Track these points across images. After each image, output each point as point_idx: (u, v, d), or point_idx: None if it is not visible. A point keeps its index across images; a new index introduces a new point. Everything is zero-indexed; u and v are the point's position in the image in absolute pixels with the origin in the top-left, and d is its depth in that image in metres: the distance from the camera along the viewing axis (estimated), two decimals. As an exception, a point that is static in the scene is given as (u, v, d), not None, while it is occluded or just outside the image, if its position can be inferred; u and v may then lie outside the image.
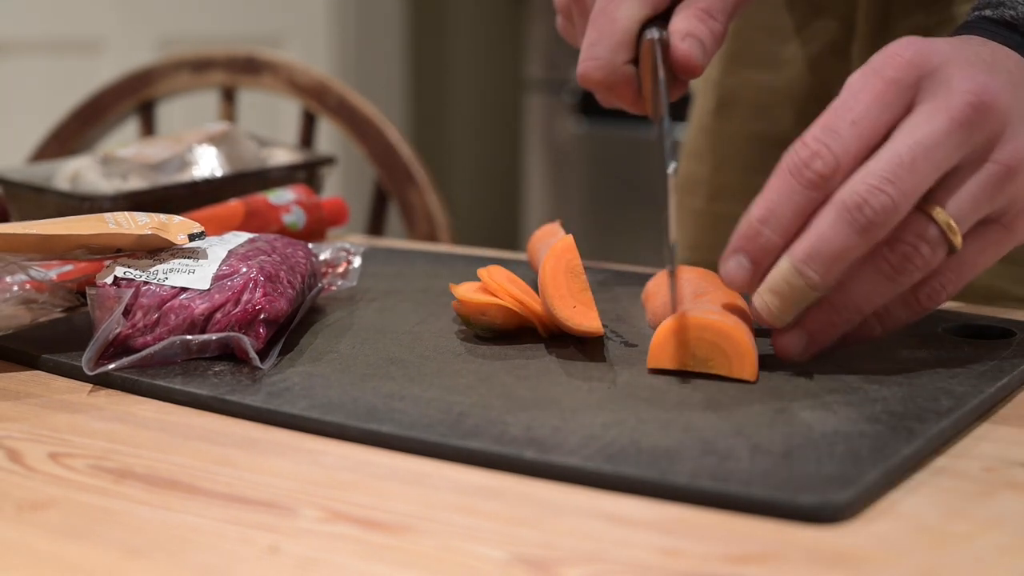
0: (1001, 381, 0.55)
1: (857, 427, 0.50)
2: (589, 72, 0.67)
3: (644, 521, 0.44)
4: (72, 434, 0.53)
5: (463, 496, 0.46)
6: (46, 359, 0.61)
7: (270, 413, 0.54)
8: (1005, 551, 0.41)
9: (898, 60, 0.55)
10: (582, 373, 0.58)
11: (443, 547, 0.42)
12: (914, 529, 0.43)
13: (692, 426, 0.50)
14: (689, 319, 0.56)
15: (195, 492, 0.47)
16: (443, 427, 0.51)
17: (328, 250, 0.75)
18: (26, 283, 0.64)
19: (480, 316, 0.63)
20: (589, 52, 0.67)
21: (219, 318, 0.60)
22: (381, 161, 1.27)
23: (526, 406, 0.53)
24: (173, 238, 0.62)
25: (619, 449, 0.48)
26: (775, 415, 0.51)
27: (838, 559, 0.41)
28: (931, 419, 0.50)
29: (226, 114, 1.36)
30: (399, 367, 0.59)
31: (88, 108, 1.36)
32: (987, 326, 0.64)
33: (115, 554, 0.42)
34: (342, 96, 1.29)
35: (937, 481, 0.47)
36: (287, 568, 0.41)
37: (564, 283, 0.60)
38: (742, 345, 0.55)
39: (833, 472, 0.45)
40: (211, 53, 1.35)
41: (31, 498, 0.47)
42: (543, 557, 0.41)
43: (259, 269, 0.62)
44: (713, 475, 0.45)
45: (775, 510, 0.43)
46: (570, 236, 0.63)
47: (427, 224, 1.25)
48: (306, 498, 0.46)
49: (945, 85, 0.54)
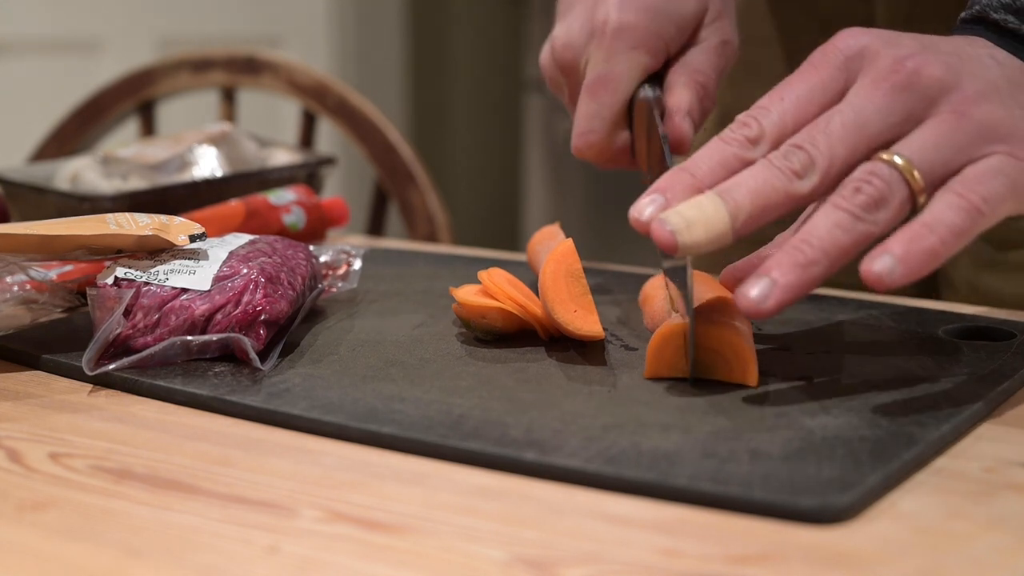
0: (1002, 385, 0.55)
1: (857, 431, 0.50)
2: (586, 148, 0.67)
3: (644, 522, 0.44)
4: (72, 434, 0.53)
5: (463, 497, 0.46)
6: (46, 359, 0.61)
7: (270, 414, 0.54)
8: (1005, 551, 0.41)
9: (828, 47, 0.55)
10: (582, 376, 0.58)
11: (443, 547, 0.42)
12: (914, 529, 0.43)
13: (692, 429, 0.50)
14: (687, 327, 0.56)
15: (195, 492, 0.47)
16: (443, 428, 0.51)
17: (328, 252, 0.75)
18: (26, 283, 0.64)
19: (480, 319, 0.63)
20: (586, 126, 0.67)
21: (219, 319, 0.60)
22: (381, 161, 1.27)
23: (526, 408, 0.53)
24: (174, 239, 0.62)
25: (619, 451, 0.48)
26: (775, 419, 0.51)
27: (838, 559, 0.41)
28: (931, 423, 0.50)
29: (226, 114, 1.36)
30: (399, 369, 0.59)
31: (88, 108, 1.36)
32: (987, 328, 0.64)
33: (115, 554, 0.42)
34: (342, 96, 1.29)
35: (937, 481, 0.47)
36: (287, 568, 0.41)
37: (564, 287, 0.60)
38: (743, 351, 0.55)
39: (833, 476, 0.45)
40: (211, 53, 1.35)
41: (31, 498, 0.47)
42: (543, 557, 0.41)
43: (260, 270, 0.62)
44: (713, 478, 0.45)
45: (775, 513, 0.43)
46: (570, 240, 0.63)
47: (427, 224, 1.25)
48: (306, 498, 0.46)
49: (872, 62, 0.54)
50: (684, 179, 0.53)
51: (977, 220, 0.51)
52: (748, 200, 0.51)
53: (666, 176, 0.53)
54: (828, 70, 0.54)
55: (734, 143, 0.53)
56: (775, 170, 0.52)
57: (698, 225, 0.51)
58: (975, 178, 0.51)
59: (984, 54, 0.55)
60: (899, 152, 0.52)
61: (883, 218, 0.51)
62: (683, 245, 0.50)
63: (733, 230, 0.51)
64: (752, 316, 0.51)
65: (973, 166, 0.52)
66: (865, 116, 0.52)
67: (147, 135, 1.35)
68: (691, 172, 0.53)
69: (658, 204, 0.52)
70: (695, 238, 0.51)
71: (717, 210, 0.51)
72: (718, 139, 0.54)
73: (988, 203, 0.51)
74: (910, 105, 0.53)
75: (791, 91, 0.54)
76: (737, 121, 0.54)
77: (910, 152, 0.52)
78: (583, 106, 0.67)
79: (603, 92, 0.66)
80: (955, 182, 0.51)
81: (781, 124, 0.53)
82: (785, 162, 0.52)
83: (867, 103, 0.53)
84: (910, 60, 0.53)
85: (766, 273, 0.50)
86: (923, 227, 0.50)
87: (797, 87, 0.54)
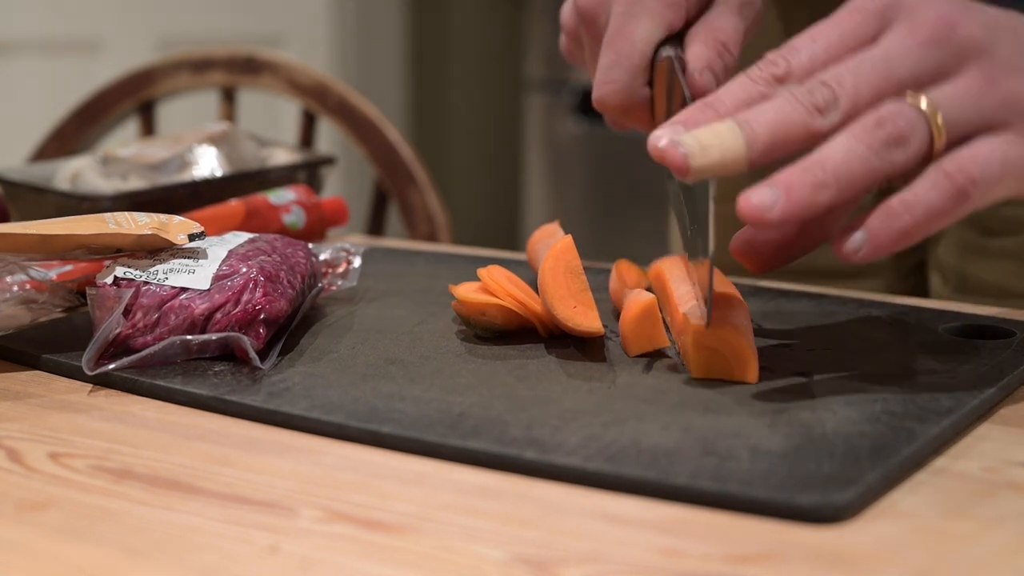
0: (1001, 381, 0.55)
1: (857, 428, 0.50)
2: (607, 96, 0.66)
3: (644, 521, 0.44)
4: (72, 434, 0.53)
5: (463, 496, 0.46)
6: (46, 359, 0.61)
7: (270, 413, 0.54)
8: (1005, 551, 0.41)
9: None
10: (582, 373, 0.58)
11: (443, 547, 0.42)
12: (914, 529, 0.43)
13: (692, 426, 0.50)
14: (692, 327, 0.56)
15: (195, 492, 0.47)
16: (443, 427, 0.51)
17: (328, 250, 0.75)
18: (26, 283, 0.64)
19: (480, 316, 0.63)
20: (607, 75, 0.66)
21: (219, 318, 0.60)
22: (381, 161, 1.27)
23: (526, 406, 0.53)
24: (173, 238, 0.62)
25: (619, 449, 0.48)
26: (775, 416, 0.51)
27: (838, 559, 0.41)
28: (931, 420, 0.50)
29: (226, 114, 1.36)
30: (399, 367, 0.59)
31: (88, 108, 1.36)
32: (987, 326, 0.64)
33: (115, 554, 0.42)
34: (342, 96, 1.29)
35: (937, 481, 0.47)
36: (287, 568, 0.41)
37: (564, 283, 0.60)
38: (743, 349, 0.55)
39: (833, 473, 0.45)
40: (211, 53, 1.35)
41: (31, 498, 0.47)
42: (543, 557, 0.41)
43: (259, 269, 0.62)
44: (713, 475, 0.45)
45: (775, 510, 0.43)
46: (569, 236, 0.63)
47: (427, 224, 1.25)
48: (306, 498, 0.46)
49: (909, 12, 0.53)
50: (706, 113, 0.52)
51: (961, 203, 0.50)
52: (766, 130, 0.50)
53: (688, 109, 0.53)
54: (863, 16, 0.53)
55: (761, 81, 0.53)
56: (797, 104, 0.51)
57: (713, 149, 0.50)
58: (971, 157, 0.51)
59: (1020, 24, 0.54)
60: (928, 95, 0.51)
61: (899, 159, 0.50)
62: (695, 169, 0.50)
63: (748, 158, 0.51)
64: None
65: (980, 140, 0.51)
66: (895, 61, 0.52)
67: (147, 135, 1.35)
68: (714, 107, 0.52)
69: (677, 133, 0.51)
70: (709, 161, 0.50)
71: (734, 136, 0.50)
72: (744, 75, 0.53)
73: (977, 186, 0.51)
74: (942, 58, 0.52)
75: (823, 34, 0.54)
76: (766, 59, 0.54)
77: (939, 100, 0.51)
78: (604, 58, 0.66)
79: (623, 43, 0.65)
80: (949, 159, 0.51)
81: (811, 65, 0.53)
82: (809, 97, 0.51)
83: (899, 49, 0.52)
84: (948, 15, 0.52)
85: (775, 184, 0.50)
86: (900, 204, 0.50)
87: (830, 31, 0.54)
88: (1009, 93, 0.52)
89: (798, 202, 0.49)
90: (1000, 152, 0.51)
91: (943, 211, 0.50)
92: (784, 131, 0.51)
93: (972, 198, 0.51)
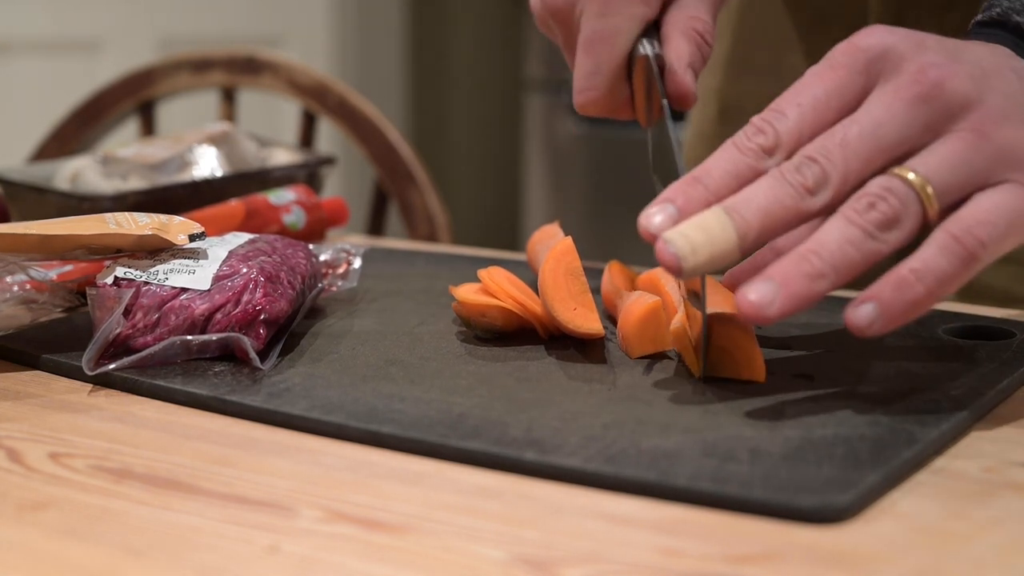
0: (1001, 383, 0.55)
1: (857, 430, 0.50)
2: (589, 104, 0.66)
3: (644, 521, 0.44)
4: (72, 434, 0.53)
5: (463, 496, 0.46)
6: (46, 359, 0.61)
7: (270, 413, 0.54)
8: (1005, 551, 0.41)
9: (849, 46, 0.54)
10: (582, 375, 0.58)
11: (443, 547, 0.42)
12: (914, 529, 0.43)
13: (692, 428, 0.50)
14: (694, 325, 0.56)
15: (195, 492, 0.47)
16: (443, 428, 0.51)
17: (328, 251, 0.75)
18: (26, 283, 0.64)
19: (480, 317, 0.63)
20: (588, 82, 0.65)
21: (219, 318, 0.60)
22: (381, 161, 1.27)
23: (526, 407, 0.53)
24: (173, 238, 0.62)
25: (619, 450, 0.48)
26: (775, 418, 0.51)
27: (838, 559, 0.41)
28: (931, 422, 0.50)
29: (226, 114, 1.36)
30: (399, 368, 0.59)
31: (88, 108, 1.36)
32: (988, 327, 0.64)
33: (115, 554, 0.42)
34: (342, 96, 1.29)
35: (937, 481, 0.47)
36: (287, 568, 0.41)
37: (564, 285, 0.60)
38: (749, 348, 0.55)
39: (833, 475, 0.45)
40: (211, 53, 1.35)
41: (31, 498, 0.47)
42: (543, 557, 0.41)
43: (259, 270, 0.62)
44: (713, 477, 0.45)
45: (775, 513, 0.43)
46: (569, 238, 0.63)
47: (427, 224, 1.25)
48: (306, 498, 0.46)
49: (895, 68, 0.52)
50: (697, 190, 0.52)
51: (972, 266, 0.50)
52: (757, 219, 0.50)
53: (677, 185, 0.52)
54: (848, 72, 0.53)
55: (749, 153, 0.52)
56: (787, 186, 0.51)
57: (703, 249, 0.50)
58: (977, 219, 0.50)
59: (1006, 66, 0.54)
60: (915, 169, 0.51)
61: (895, 237, 0.50)
62: (687, 270, 0.50)
63: (741, 249, 0.50)
64: (753, 321, 0.50)
65: (981, 197, 0.51)
66: (883, 128, 0.51)
67: (147, 135, 1.35)
68: (703, 183, 0.52)
69: (667, 214, 0.51)
70: (700, 261, 0.50)
71: (724, 230, 0.50)
72: (732, 145, 0.53)
73: (987, 248, 0.50)
74: (931, 117, 0.51)
75: (808, 92, 0.53)
76: (752, 125, 0.53)
77: (926, 171, 0.50)
78: (581, 64, 0.66)
79: (601, 48, 0.65)
80: (954, 221, 0.50)
81: (798, 132, 0.52)
82: (798, 176, 0.51)
83: (886, 114, 0.51)
84: (934, 70, 0.52)
85: (771, 278, 0.49)
86: (911, 274, 0.49)
87: (815, 88, 0.53)
88: (1003, 144, 0.51)
89: (796, 295, 0.49)
90: (1003, 207, 0.50)
91: (954, 276, 0.49)
92: (775, 216, 0.50)
93: (981, 260, 0.50)
